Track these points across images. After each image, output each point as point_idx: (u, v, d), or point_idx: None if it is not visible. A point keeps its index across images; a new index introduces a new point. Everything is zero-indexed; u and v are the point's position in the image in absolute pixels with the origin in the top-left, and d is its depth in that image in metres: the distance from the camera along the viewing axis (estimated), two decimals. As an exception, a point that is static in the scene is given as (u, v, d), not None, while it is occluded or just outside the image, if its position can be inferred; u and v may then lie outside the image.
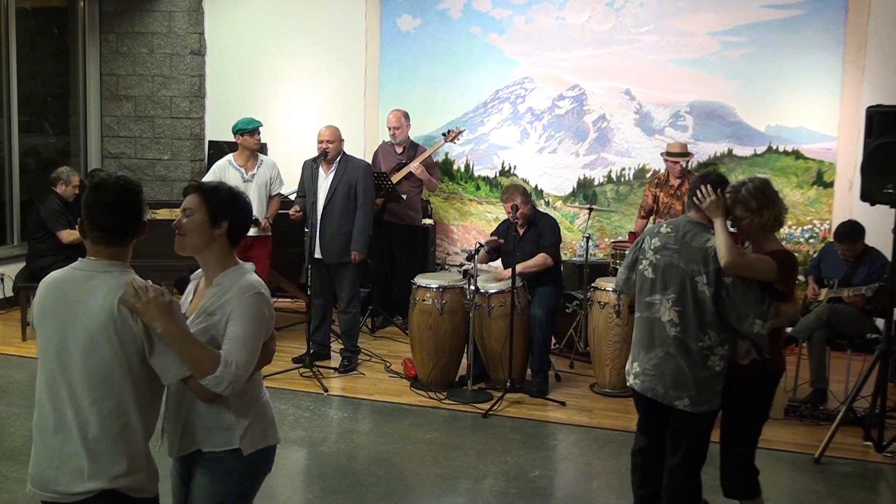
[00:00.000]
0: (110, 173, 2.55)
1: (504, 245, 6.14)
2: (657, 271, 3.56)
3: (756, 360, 3.50)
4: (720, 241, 3.37)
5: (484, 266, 6.36)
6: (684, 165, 7.34)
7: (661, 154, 7.05)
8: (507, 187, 6.15)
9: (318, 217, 6.29)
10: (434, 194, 8.12)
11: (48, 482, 2.43)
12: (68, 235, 7.06)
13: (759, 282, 3.40)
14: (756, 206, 3.45)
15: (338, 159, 6.34)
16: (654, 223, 6.98)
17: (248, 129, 6.62)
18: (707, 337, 3.44)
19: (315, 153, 6.39)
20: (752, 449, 3.62)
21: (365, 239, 6.37)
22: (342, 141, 6.40)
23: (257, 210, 6.61)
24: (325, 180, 6.34)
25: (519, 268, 5.92)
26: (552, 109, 7.96)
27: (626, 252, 3.94)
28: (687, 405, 3.49)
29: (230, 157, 6.73)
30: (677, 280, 3.48)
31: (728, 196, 3.49)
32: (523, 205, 5.95)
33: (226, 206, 2.67)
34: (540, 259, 5.99)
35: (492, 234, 6.29)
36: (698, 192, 3.50)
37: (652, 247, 3.62)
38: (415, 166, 7.26)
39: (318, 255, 6.32)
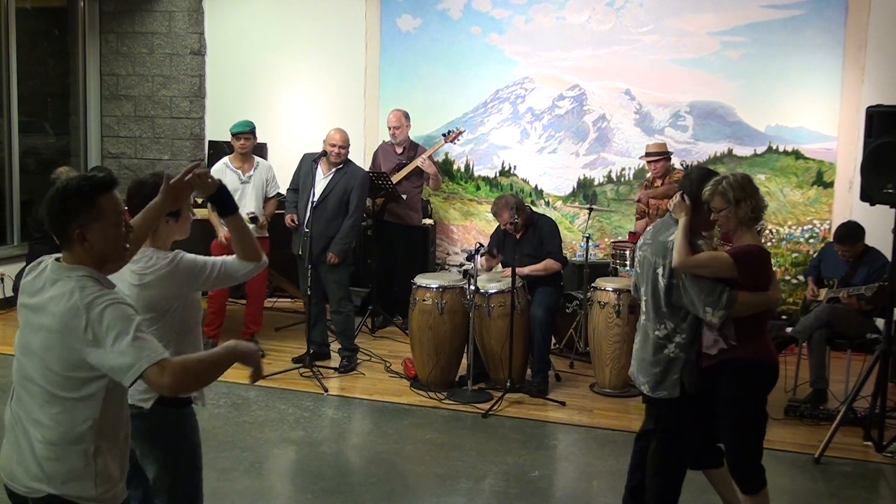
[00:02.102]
0: (75, 175, 2.48)
1: (503, 246, 6.15)
2: (639, 266, 3.81)
3: (724, 349, 3.52)
4: (677, 241, 3.52)
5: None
6: (683, 164, 7.35)
7: (640, 157, 7.16)
8: (495, 202, 6.11)
9: (307, 215, 6.24)
10: (434, 194, 8.12)
11: (13, 473, 2.42)
12: None
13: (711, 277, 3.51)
14: (734, 198, 3.50)
15: (341, 166, 6.36)
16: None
17: (233, 133, 6.73)
18: (663, 326, 3.61)
19: (316, 151, 6.40)
20: (743, 441, 3.58)
21: (344, 246, 6.34)
22: (349, 147, 6.43)
23: (255, 211, 6.64)
24: (322, 180, 6.34)
25: (526, 270, 5.93)
26: (552, 109, 7.96)
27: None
28: (647, 389, 3.69)
29: (226, 159, 6.78)
30: (647, 272, 3.69)
31: (709, 188, 3.56)
32: (517, 216, 5.94)
33: None
34: (545, 265, 5.99)
35: (488, 245, 6.26)
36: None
37: (639, 245, 3.87)
38: (422, 160, 7.27)
39: (296, 251, 6.38)
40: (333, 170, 6.35)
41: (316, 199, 6.24)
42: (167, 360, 2.26)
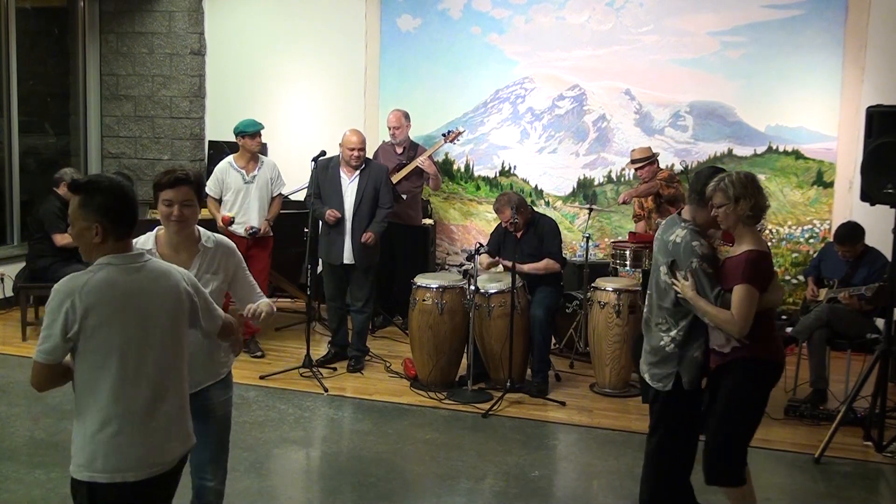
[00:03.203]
0: (106, 176, 2.71)
1: (503, 245, 6.15)
2: (653, 262, 3.86)
3: (736, 348, 3.55)
4: (712, 316, 3.52)
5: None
6: (683, 164, 7.35)
7: (626, 165, 7.25)
8: (498, 198, 6.12)
9: (349, 223, 6.29)
10: (434, 194, 8.12)
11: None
12: (62, 239, 7.02)
13: (709, 275, 3.53)
14: (734, 195, 3.51)
15: (363, 166, 6.35)
16: (652, 226, 7.05)
17: (248, 132, 6.57)
18: (663, 321, 3.68)
19: (316, 151, 6.39)
20: (731, 436, 3.60)
21: (382, 228, 6.39)
22: (366, 147, 6.42)
23: (259, 211, 6.61)
24: (350, 184, 6.33)
25: (526, 268, 5.93)
26: (552, 109, 7.96)
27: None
28: (648, 378, 3.75)
29: (230, 158, 6.70)
30: (655, 268, 3.76)
31: (712, 184, 3.58)
32: (518, 214, 5.94)
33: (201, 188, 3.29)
34: (545, 264, 6.00)
35: (487, 244, 6.24)
36: (676, 282, 3.61)
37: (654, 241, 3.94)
38: (422, 160, 7.28)
39: (347, 260, 6.32)
40: (357, 172, 6.34)
41: (352, 205, 6.28)
42: None
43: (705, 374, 3.68)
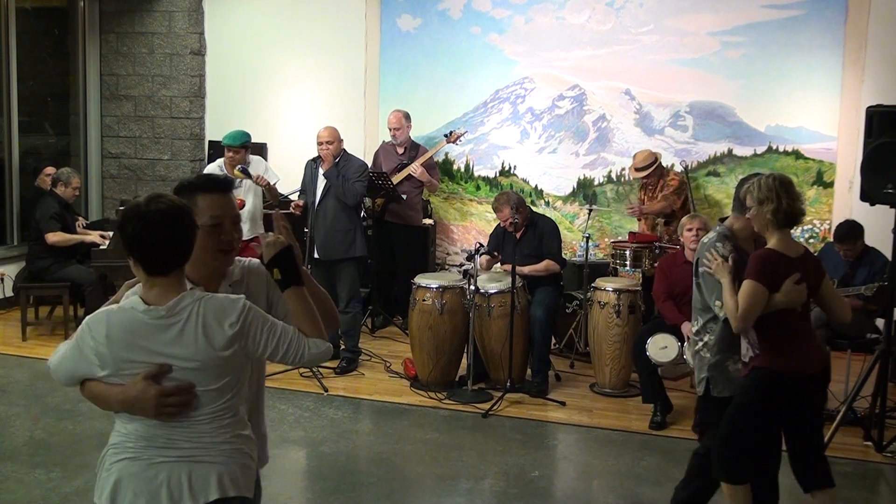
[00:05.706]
0: None
1: (502, 246, 6.15)
2: None
3: (752, 357, 3.56)
4: (726, 301, 3.53)
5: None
6: (683, 164, 7.36)
7: (628, 169, 7.27)
8: (497, 198, 6.13)
9: (314, 216, 6.29)
10: (434, 194, 8.12)
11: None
12: (52, 237, 6.99)
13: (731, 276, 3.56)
14: (758, 198, 3.52)
15: (336, 159, 6.32)
16: (651, 226, 7.07)
17: (233, 146, 6.39)
18: (696, 322, 3.77)
19: (315, 151, 6.40)
20: (730, 435, 3.58)
21: (352, 189, 6.24)
22: (341, 141, 6.38)
23: (250, 216, 6.47)
24: (322, 179, 6.34)
25: (526, 270, 5.93)
26: (552, 109, 7.96)
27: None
28: (695, 384, 3.90)
29: (220, 162, 6.62)
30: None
31: (744, 187, 3.61)
32: (517, 213, 5.94)
33: None
34: (545, 265, 6.01)
35: (488, 245, 6.23)
36: (707, 255, 3.63)
37: None
38: (414, 168, 7.27)
39: (315, 254, 6.32)
40: (332, 168, 6.34)
41: (318, 197, 6.25)
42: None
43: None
